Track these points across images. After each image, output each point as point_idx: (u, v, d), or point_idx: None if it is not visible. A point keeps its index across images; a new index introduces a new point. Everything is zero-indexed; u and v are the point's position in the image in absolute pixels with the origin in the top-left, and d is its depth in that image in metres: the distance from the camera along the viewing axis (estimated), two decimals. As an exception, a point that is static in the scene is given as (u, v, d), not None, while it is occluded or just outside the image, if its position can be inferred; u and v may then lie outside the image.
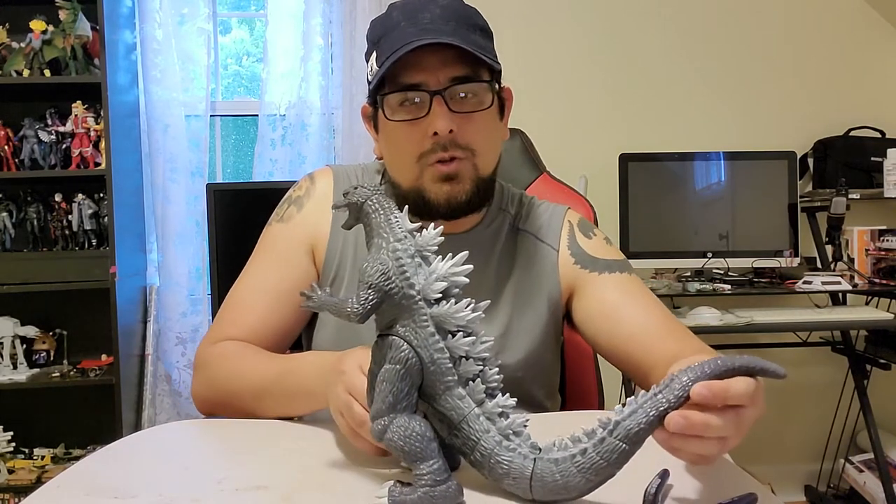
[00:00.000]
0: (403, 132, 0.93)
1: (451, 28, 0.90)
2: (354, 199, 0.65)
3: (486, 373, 0.62)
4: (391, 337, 0.61)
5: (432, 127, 0.90)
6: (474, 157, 0.94)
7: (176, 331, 2.46)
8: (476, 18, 0.95)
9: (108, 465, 0.71)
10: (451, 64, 0.90)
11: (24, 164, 2.34)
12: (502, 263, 1.04)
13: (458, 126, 0.91)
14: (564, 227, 1.06)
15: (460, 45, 0.87)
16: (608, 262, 1.03)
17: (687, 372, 0.56)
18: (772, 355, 2.50)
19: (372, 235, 0.64)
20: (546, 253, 1.05)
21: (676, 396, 0.55)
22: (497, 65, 0.93)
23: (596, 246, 1.05)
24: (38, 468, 2.30)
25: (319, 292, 0.63)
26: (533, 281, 1.03)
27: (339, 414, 0.72)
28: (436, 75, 0.90)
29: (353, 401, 0.69)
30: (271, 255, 1.04)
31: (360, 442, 0.70)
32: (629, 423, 0.56)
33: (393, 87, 0.91)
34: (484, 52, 0.91)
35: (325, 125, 2.53)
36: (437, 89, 0.90)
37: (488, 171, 0.97)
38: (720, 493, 0.59)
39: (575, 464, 0.58)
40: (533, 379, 1.02)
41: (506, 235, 1.05)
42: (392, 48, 0.89)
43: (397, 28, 0.91)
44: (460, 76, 0.91)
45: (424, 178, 0.94)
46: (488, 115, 0.95)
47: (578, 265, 1.03)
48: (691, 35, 2.67)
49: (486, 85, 0.93)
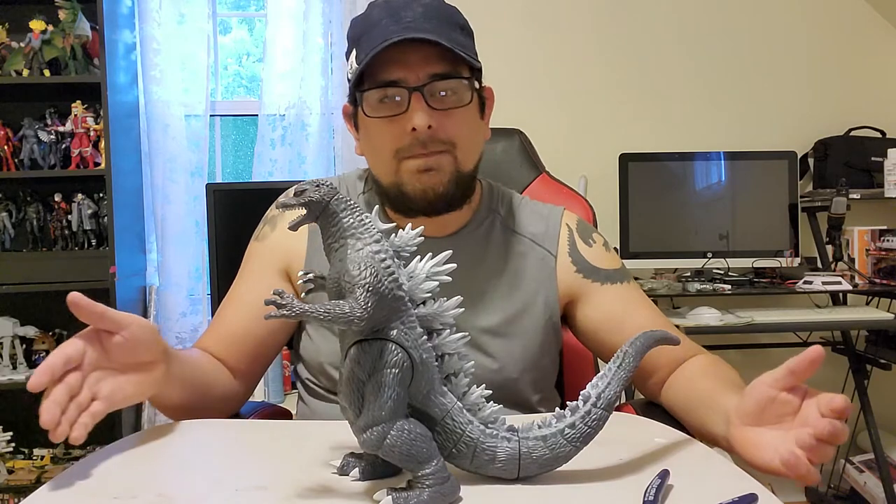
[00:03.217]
0: (382, 129, 0.92)
1: (432, 26, 0.89)
2: (316, 196, 0.60)
3: (464, 367, 0.64)
4: (381, 341, 0.59)
5: (411, 123, 0.89)
6: (455, 149, 0.93)
7: (175, 331, 2.46)
8: (457, 17, 0.95)
9: (108, 465, 0.71)
10: (431, 61, 0.90)
11: (23, 164, 2.34)
12: (495, 266, 1.03)
13: (438, 122, 0.90)
14: (563, 232, 1.06)
15: (440, 41, 0.87)
16: (609, 272, 1.04)
17: (633, 344, 0.68)
18: (772, 355, 2.50)
19: (340, 236, 0.61)
20: (543, 257, 1.04)
21: (633, 367, 0.67)
22: (477, 63, 0.93)
23: (596, 254, 1.05)
24: (38, 468, 2.30)
25: (291, 299, 0.55)
26: (528, 285, 1.02)
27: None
28: (415, 72, 0.89)
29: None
30: (247, 272, 1.05)
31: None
32: (608, 392, 0.65)
33: (372, 83, 0.91)
34: (464, 49, 0.91)
35: (325, 125, 2.53)
36: (416, 85, 0.89)
37: (468, 167, 0.96)
38: (720, 494, 0.59)
39: (565, 436, 0.64)
40: (528, 382, 1.02)
41: (497, 238, 1.04)
42: (372, 45, 0.88)
43: (378, 25, 0.90)
44: (440, 73, 0.90)
45: (402, 172, 0.93)
46: (468, 112, 0.94)
47: (580, 274, 1.03)
48: (691, 35, 2.67)
49: (466, 82, 0.93)
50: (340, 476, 0.66)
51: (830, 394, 0.66)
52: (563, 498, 0.62)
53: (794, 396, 0.69)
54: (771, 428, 0.70)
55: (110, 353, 0.73)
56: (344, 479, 0.65)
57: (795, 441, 0.65)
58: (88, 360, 0.71)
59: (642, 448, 0.73)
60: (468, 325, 0.88)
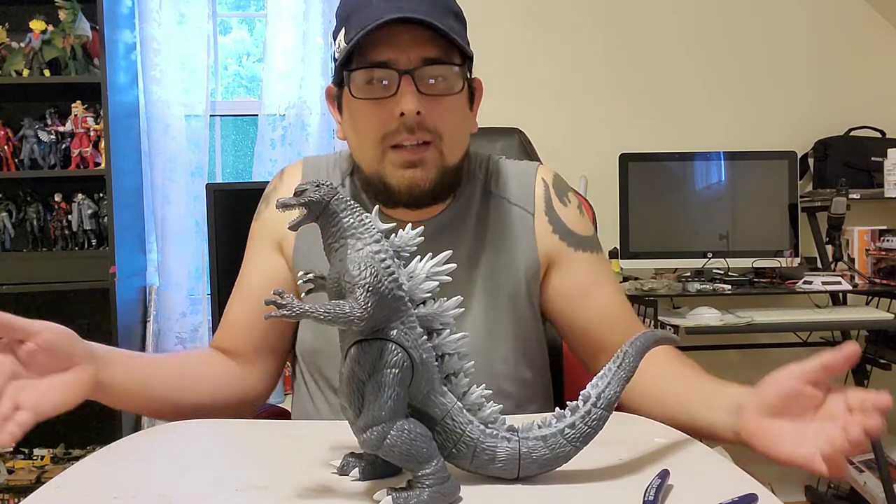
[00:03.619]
0: (369, 111, 0.89)
1: (425, 8, 0.86)
2: (316, 196, 0.60)
3: (464, 366, 0.64)
4: (381, 341, 0.59)
5: (399, 107, 0.86)
6: (441, 142, 0.90)
7: (176, 331, 2.46)
8: (450, 3, 0.91)
9: (108, 465, 0.71)
10: (422, 44, 0.87)
11: (23, 164, 2.34)
12: (477, 233, 0.99)
13: (426, 108, 0.87)
14: (538, 187, 1.02)
15: (434, 23, 0.84)
16: (582, 238, 1.01)
17: (633, 344, 0.68)
18: (772, 355, 2.50)
19: (340, 236, 0.61)
20: (521, 217, 1.00)
21: (633, 367, 0.67)
22: (469, 51, 0.91)
23: (571, 216, 1.02)
24: (38, 468, 2.30)
25: (291, 299, 0.55)
26: (510, 248, 0.99)
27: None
28: (406, 54, 0.86)
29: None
30: (249, 256, 1.05)
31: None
32: (608, 392, 0.65)
33: (361, 63, 0.87)
34: (457, 35, 0.88)
35: (325, 125, 2.53)
36: (406, 69, 0.86)
37: (455, 160, 0.93)
38: (720, 494, 0.59)
39: (565, 436, 0.64)
40: (519, 357, 0.99)
41: (478, 203, 1.00)
42: (362, 23, 0.85)
43: (369, 5, 0.86)
44: (432, 57, 0.87)
45: (386, 162, 0.90)
46: (457, 100, 0.91)
47: (556, 235, 1.00)
48: (691, 35, 2.67)
49: (458, 70, 0.90)
50: (340, 476, 0.66)
51: (863, 391, 0.66)
52: (563, 498, 0.62)
53: (819, 391, 0.69)
54: (790, 420, 0.70)
55: (25, 363, 0.73)
56: (344, 479, 0.65)
57: (826, 438, 0.65)
58: (2, 370, 0.71)
59: (642, 448, 0.73)
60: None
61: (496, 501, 0.62)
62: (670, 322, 2.07)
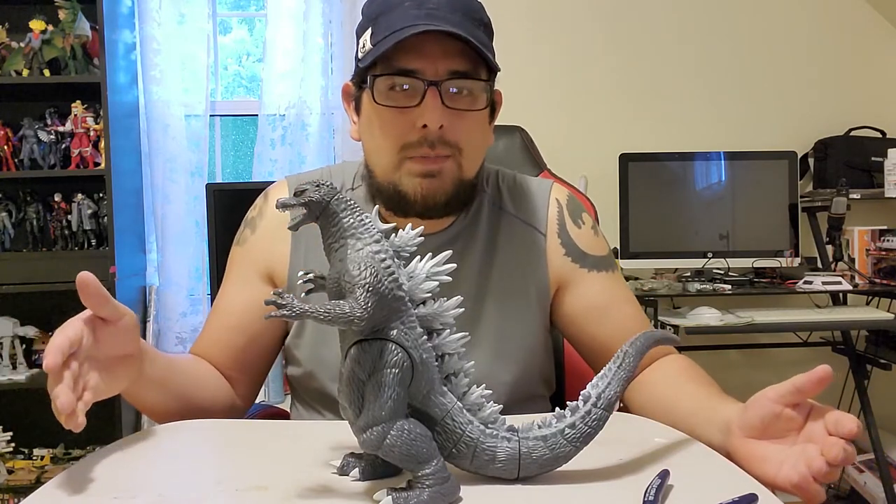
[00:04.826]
0: (390, 118, 0.87)
1: (457, 18, 0.84)
2: (316, 196, 0.60)
3: (464, 367, 0.64)
4: (381, 341, 0.59)
5: (422, 119, 0.84)
6: (460, 155, 0.88)
7: (176, 331, 2.46)
8: (482, 14, 0.90)
9: (108, 465, 0.71)
10: (452, 56, 0.85)
11: (23, 164, 2.34)
12: (486, 250, 0.98)
13: (449, 122, 0.85)
14: (552, 208, 1.01)
15: (467, 37, 0.82)
16: (597, 259, 1.01)
17: (633, 344, 0.69)
18: (772, 355, 2.50)
19: (340, 237, 0.61)
20: (533, 237, 1.00)
21: (633, 367, 0.68)
22: (496, 65, 0.89)
23: (585, 238, 1.02)
24: (38, 468, 2.29)
25: (291, 299, 0.55)
26: (521, 268, 0.98)
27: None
28: (435, 65, 0.84)
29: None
30: (231, 282, 1.02)
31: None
32: (608, 392, 0.66)
33: (387, 69, 0.85)
34: (486, 49, 0.86)
35: (325, 125, 2.53)
36: (434, 80, 0.84)
37: (471, 174, 0.92)
38: (720, 494, 0.59)
39: (565, 436, 0.64)
40: (530, 374, 0.99)
41: (487, 218, 0.99)
42: (392, 28, 0.83)
43: (399, 7, 0.84)
44: (460, 70, 0.85)
45: (402, 171, 0.88)
46: (480, 116, 0.90)
47: (569, 258, 1.00)
48: (691, 35, 2.67)
49: (484, 84, 0.88)
50: (340, 476, 0.66)
51: (838, 412, 0.66)
52: (563, 498, 0.62)
53: (798, 413, 0.69)
54: (774, 442, 0.69)
55: (100, 343, 0.71)
56: (344, 479, 0.65)
57: (805, 462, 0.64)
58: (84, 346, 0.68)
59: (642, 448, 0.73)
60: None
61: (496, 501, 0.62)
62: (670, 322, 2.07)
